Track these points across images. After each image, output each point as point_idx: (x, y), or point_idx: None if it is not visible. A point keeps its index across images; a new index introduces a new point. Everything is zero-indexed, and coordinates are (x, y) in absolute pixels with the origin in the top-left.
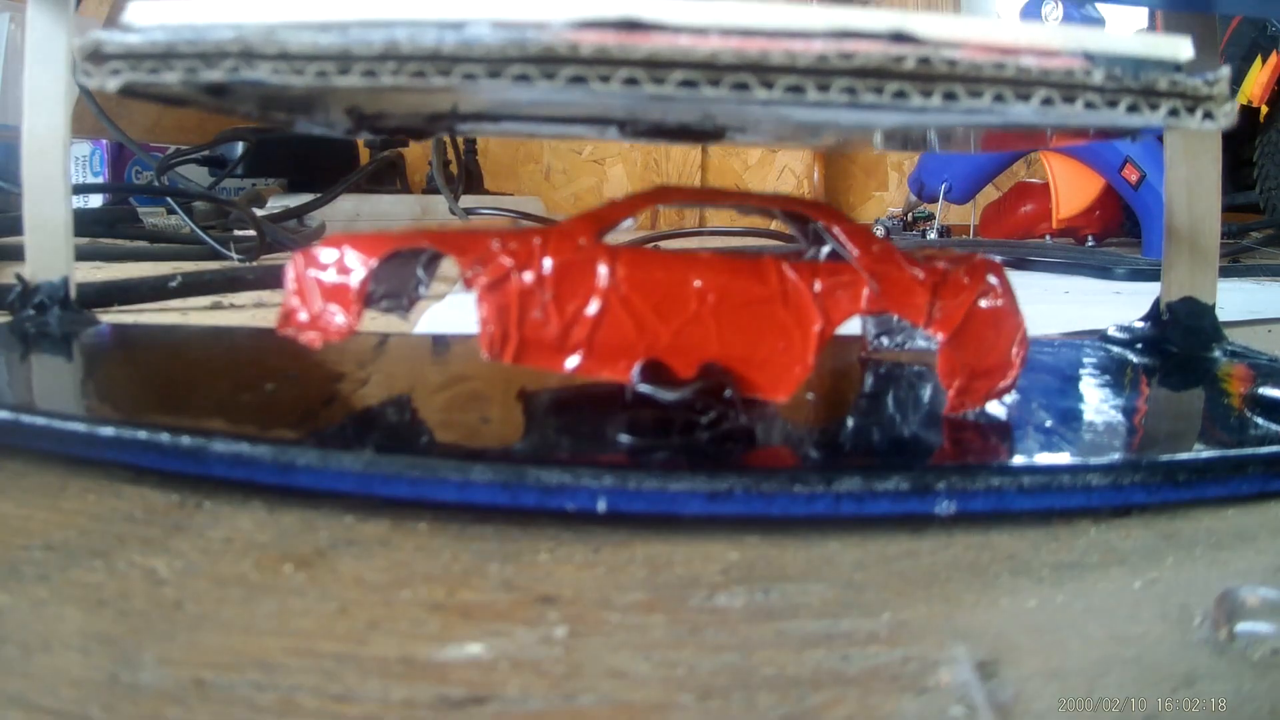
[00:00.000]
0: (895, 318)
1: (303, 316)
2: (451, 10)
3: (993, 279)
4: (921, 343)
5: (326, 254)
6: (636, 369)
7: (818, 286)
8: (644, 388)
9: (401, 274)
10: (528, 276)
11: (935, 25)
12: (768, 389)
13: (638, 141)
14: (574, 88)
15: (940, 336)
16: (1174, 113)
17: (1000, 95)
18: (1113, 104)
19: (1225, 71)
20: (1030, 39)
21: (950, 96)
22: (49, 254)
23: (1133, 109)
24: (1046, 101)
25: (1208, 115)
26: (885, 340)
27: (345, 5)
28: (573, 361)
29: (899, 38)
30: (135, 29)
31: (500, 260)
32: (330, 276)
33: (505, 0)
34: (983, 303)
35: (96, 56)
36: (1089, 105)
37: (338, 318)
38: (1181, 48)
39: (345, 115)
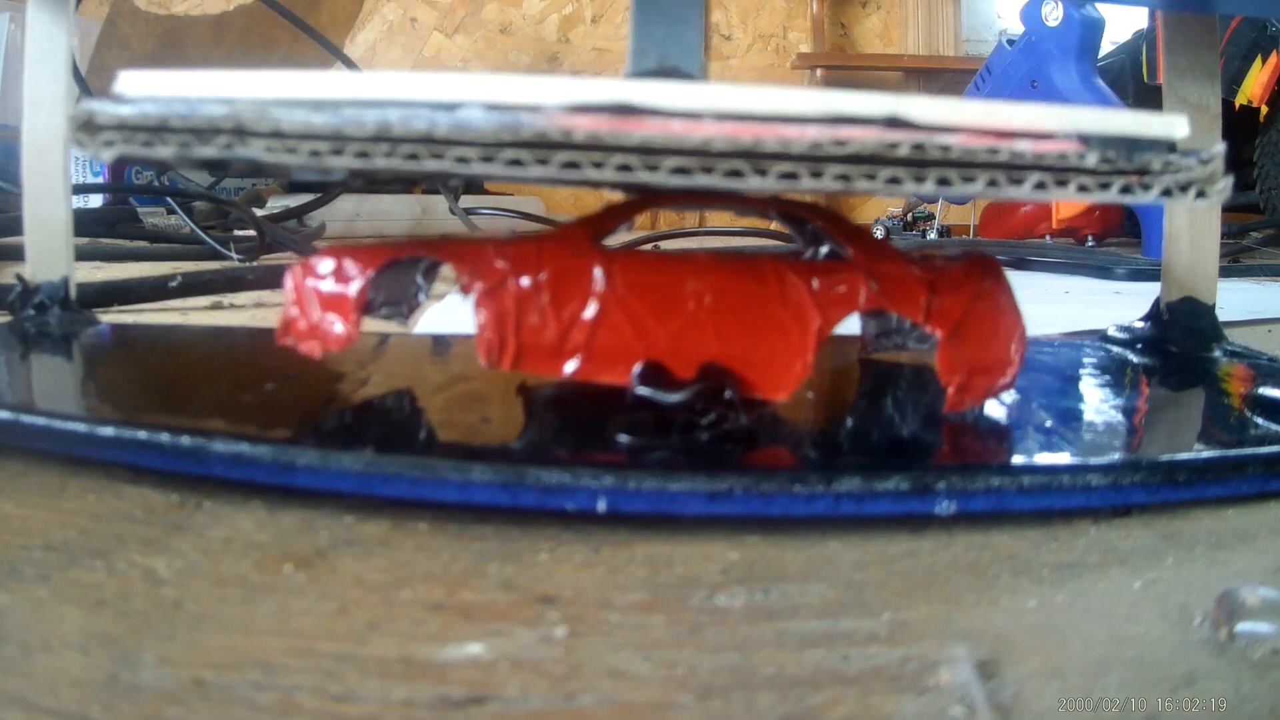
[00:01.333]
0: (894, 317)
1: (302, 326)
2: (444, 91)
3: (990, 276)
4: (920, 342)
5: (325, 264)
6: (636, 371)
7: (815, 285)
8: (643, 390)
9: (400, 282)
10: (524, 282)
11: (930, 109)
12: (767, 389)
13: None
14: (568, 172)
15: (939, 334)
16: (1167, 192)
17: (994, 180)
18: (1105, 186)
19: (1220, 149)
20: (1025, 121)
21: (944, 182)
22: (49, 254)
23: (1126, 190)
24: (1039, 186)
25: (1201, 194)
26: (884, 340)
27: (337, 83)
28: (571, 366)
29: (893, 123)
30: (127, 100)
31: (496, 266)
32: (329, 286)
33: (498, 83)
34: (981, 299)
35: (90, 127)
36: (1082, 188)
37: (337, 327)
38: (1176, 126)
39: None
